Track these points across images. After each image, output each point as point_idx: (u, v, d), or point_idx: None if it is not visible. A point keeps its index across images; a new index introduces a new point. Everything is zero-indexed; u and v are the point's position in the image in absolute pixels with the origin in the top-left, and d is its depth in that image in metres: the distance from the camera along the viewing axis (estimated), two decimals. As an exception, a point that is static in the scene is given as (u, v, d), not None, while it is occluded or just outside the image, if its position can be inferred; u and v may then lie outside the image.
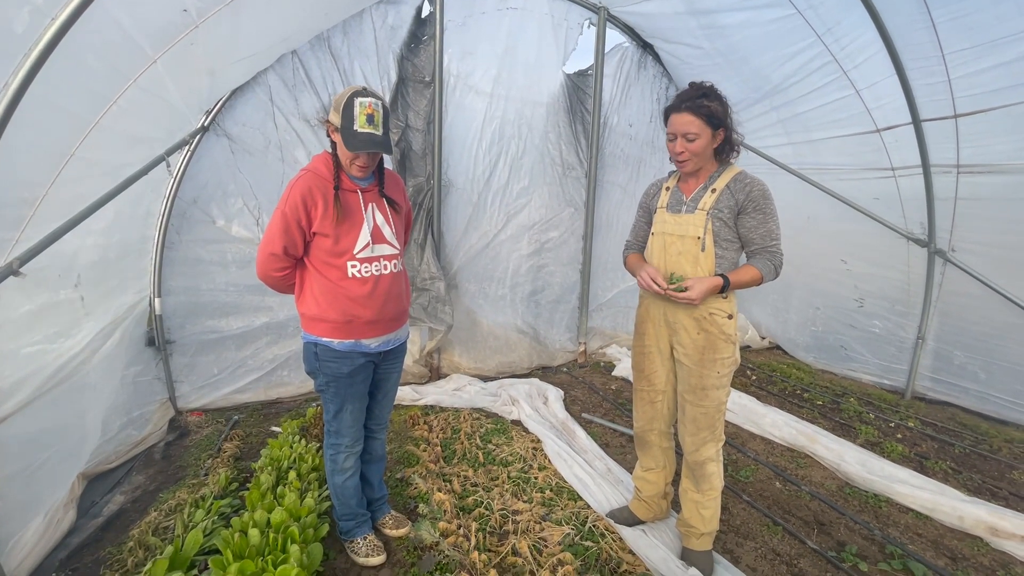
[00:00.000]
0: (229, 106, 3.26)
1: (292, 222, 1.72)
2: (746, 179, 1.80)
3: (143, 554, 2.00)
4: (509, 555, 2.06)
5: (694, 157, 1.79)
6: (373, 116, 1.67)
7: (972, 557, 2.19)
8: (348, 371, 1.86)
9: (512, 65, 3.96)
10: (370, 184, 1.88)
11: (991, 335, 3.36)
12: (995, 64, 2.70)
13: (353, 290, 1.80)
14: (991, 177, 3.04)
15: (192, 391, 3.45)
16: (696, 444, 1.94)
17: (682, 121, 1.75)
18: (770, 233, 1.80)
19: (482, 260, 4.20)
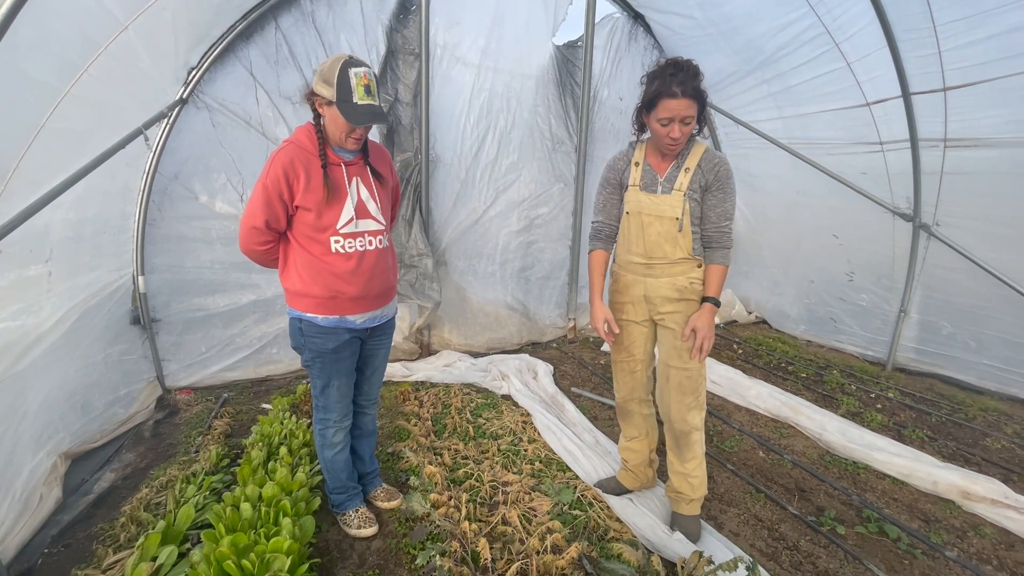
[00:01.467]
0: (209, 79, 3.16)
1: (274, 195, 1.68)
2: (714, 157, 1.82)
3: (135, 529, 2.01)
4: (499, 524, 2.10)
5: (684, 139, 1.77)
6: (370, 87, 1.63)
7: (944, 519, 2.28)
8: (333, 347, 1.84)
9: (500, 36, 3.87)
10: (355, 156, 1.83)
11: (973, 307, 3.43)
12: (986, 36, 2.68)
13: (337, 266, 1.77)
14: (977, 151, 3.06)
15: (180, 369, 3.43)
16: (682, 412, 1.97)
17: (683, 106, 1.68)
18: (726, 212, 1.83)
19: (471, 236, 4.17)
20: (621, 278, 2.05)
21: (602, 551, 1.98)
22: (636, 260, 1.95)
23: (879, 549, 2.09)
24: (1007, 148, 2.92)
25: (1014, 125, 2.83)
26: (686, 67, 1.69)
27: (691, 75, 1.68)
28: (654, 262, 1.91)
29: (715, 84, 4.52)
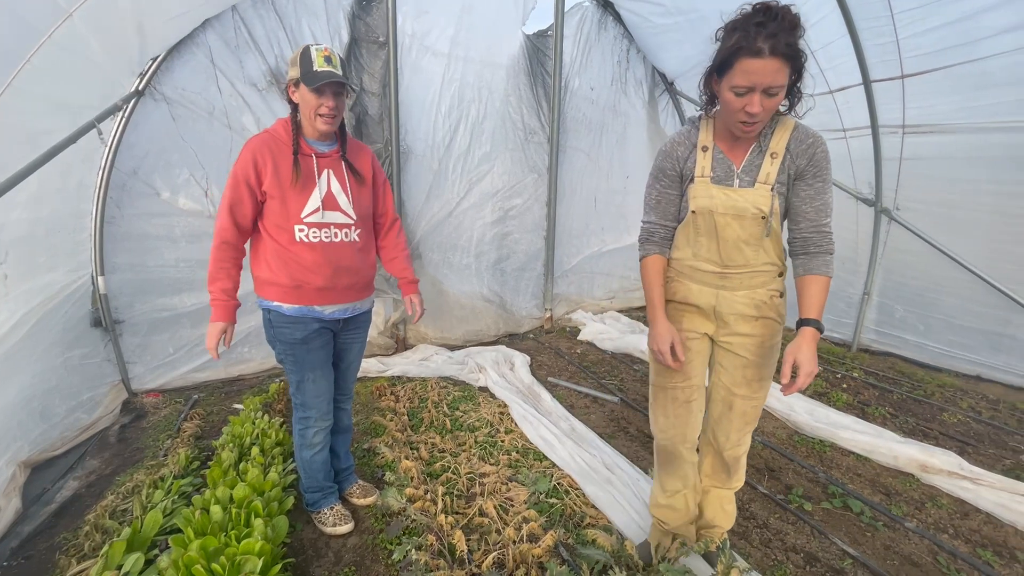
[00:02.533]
0: (166, 68, 3.04)
1: (240, 180, 1.70)
2: (808, 136, 1.39)
3: (100, 537, 1.95)
4: (476, 516, 2.11)
5: (766, 117, 1.32)
6: (330, 57, 1.68)
7: (904, 492, 2.38)
8: (301, 336, 1.84)
9: (470, 25, 3.82)
10: (330, 150, 1.84)
11: (925, 290, 3.57)
12: (941, 24, 2.76)
13: (301, 255, 1.78)
14: (933, 137, 3.16)
15: (147, 372, 3.33)
16: (743, 441, 1.67)
17: (770, 69, 1.22)
18: (826, 206, 1.42)
19: (445, 229, 4.14)
20: (681, 282, 1.62)
21: (578, 538, 2.01)
22: (705, 268, 1.54)
23: (844, 523, 2.17)
24: (960, 134, 3.02)
25: (967, 112, 2.94)
26: (781, 15, 1.22)
27: (787, 27, 1.22)
28: (730, 271, 1.51)
29: (685, 73, 4.57)
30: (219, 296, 1.80)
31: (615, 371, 3.80)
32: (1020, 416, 3.03)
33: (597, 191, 4.78)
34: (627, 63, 4.59)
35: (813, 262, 1.43)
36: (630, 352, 4.08)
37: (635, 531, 2.04)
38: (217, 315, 1.81)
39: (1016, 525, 2.13)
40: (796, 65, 1.26)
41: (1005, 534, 2.10)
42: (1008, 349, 3.27)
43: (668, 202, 1.59)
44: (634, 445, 2.77)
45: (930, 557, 1.98)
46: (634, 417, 3.08)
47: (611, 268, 5.08)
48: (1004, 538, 2.08)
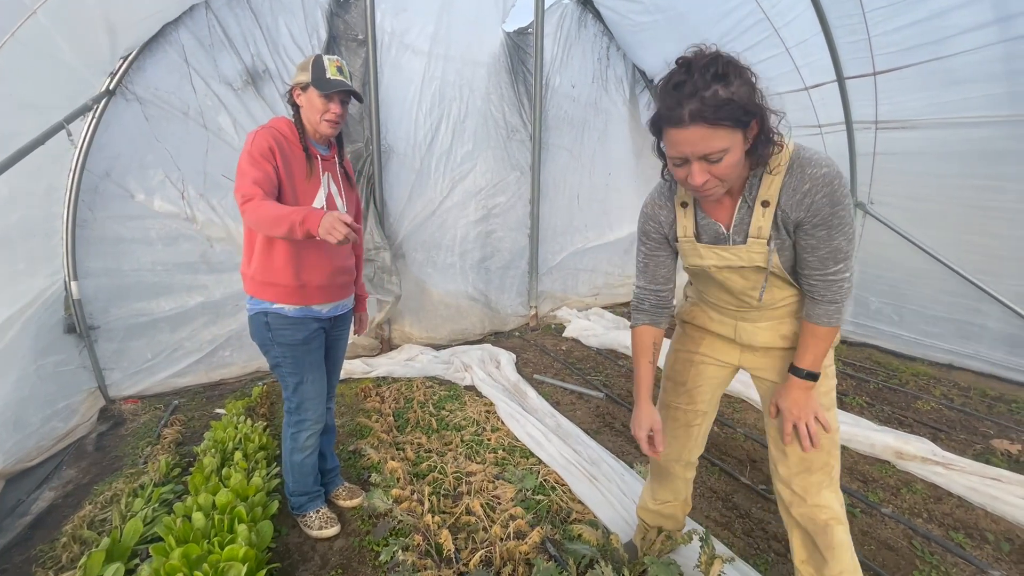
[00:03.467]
0: (137, 67, 2.97)
1: (260, 159, 1.65)
2: (803, 183, 1.13)
3: (78, 548, 1.91)
4: (463, 515, 2.11)
5: (724, 181, 1.12)
6: (342, 68, 1.77)
7: (881, 479, 2.45)
8: (303, 337, 1.84)
9: (450, 22, 3.80)
10: (328, 153, 1.90)
11: (899, 281, 3.66)
12: (910, 22, 2.83)
13: (309, 253, 1.80)
14: (904, 132, 3.24)
15: (125, 378, 3.26)
16: (810, 493, 1.35)
17: (696, 138, 1.04)
18: (834, 253, 1.18)
19: (429, 228, 4.12)
20: (699, 310, 1.52)
21: (565, 533, 2.02)
22: (722, 301, 1.42)
23: (823, 511, 2.23)
24: (930, 129, 3.11)
25: (936, 107, 3.02)
26: (701, 70, 1.01)
27: (712, 78, 1.00)
28: (744, 306, 1.39)
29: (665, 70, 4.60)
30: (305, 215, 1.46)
31: (600, 367, 3.83)
32: (989, 402, 3.13)
33: (580, 188, 4.81)
34: (607, 61, 4.61)
35: (814, 309, 1.26)
36: (615, 348, 4.12)
37: (621, 525, 2.07)
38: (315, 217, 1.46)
39: (986, 507, 2.21)
40: (742, 119, 1.03)
41: (976, 516, 2.18)
42: (978, 337, 3.38)
43: (657, 264, 1.44)
44: (619, 440, 2.80)
45: (905, 541, 2.04)
46: (619, 412, 3.11)
47: (595, 264, 5.11)
48: (975, 520, 2.16)
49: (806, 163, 1.14)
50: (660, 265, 1.44)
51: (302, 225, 1.47)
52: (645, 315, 1.47)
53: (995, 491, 2.24)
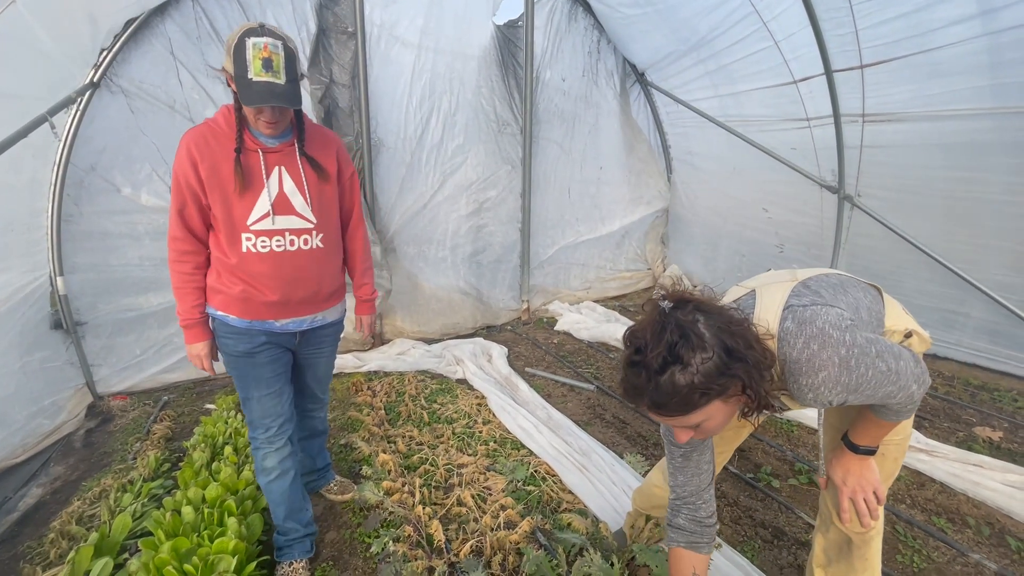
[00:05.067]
0: (123, 59, 2.93)
1: (182, 182, 1.49)
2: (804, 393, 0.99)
3: (66, 544, 1.90)
4: (454, 506, 2.12)
5: (717, 430, 1.04)
6: (271, 60, 1.36)
7: (866, 467, 2.49)
8: (246, 349, 1.63)
9: (440, 15, 3.77)
10: (282, 143, 1.57)
11: (887, 272, 3.70)
12: (896, 15, 2.85)
13: (250, 267, 1.56)
14: (891, 125, 3.27)
15: (113, 374, 3.23)
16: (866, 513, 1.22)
17: (664, 420, 1.00)
18: (886, 399, 1.00)
19: (420, 222, 4.11)
20: None
21: (555, 523, 2.04)
22: None
23: (809, 499, 2.26)
24: (915, 122, 3.14)
25: (921, 100, 3.04)
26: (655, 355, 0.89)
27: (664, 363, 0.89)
28: None
29: (656, 63, 4.62)
30: (191, 316, 1.60)
31: (591, 360, 3.85)
32: (972, 391, 3.19)
33: (571, 182, 4.81)
34: (598, 54, 4.60)
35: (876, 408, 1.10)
36: (606, 341, 4.14)
37: (611, 514, 2.09)
38: (193, 336, 1.62)
39: (967, 493, 2.25)
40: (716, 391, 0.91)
41: (957, 502, 2.22)
42: (961, 327, 3.43)
43: (697, 460, 1.21)
44: (609, 431, 2.82)
45: (889, 527, 2.07)
46: (610, 404, 3.13)
47: (586, 258, 5.12)
48: (956, 506, 2.20)
49: (798, 374, 0.98)
50: (699, 460, 1.19)
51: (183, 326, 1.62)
52: (680, 533, 1.24)
53: (977, 477, 2.28)
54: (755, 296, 1.12)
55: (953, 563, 1.90)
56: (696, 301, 0.97)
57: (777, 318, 1.02)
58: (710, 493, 1.24)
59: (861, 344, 0.95)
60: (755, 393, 0.94)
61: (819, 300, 1.06)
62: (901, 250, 3.56)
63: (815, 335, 0.96)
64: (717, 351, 0.90)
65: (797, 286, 1.11)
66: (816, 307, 1.01)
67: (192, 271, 1.59)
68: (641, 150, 4.99)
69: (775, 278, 1.18)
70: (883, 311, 1.24)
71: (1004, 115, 2.83)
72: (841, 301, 1.10)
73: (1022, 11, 2.53)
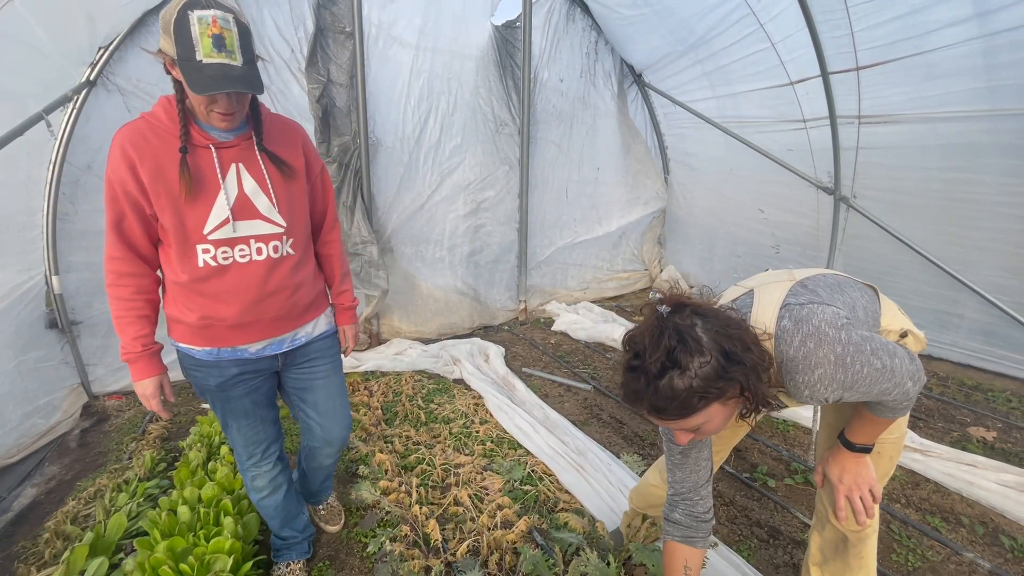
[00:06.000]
0: (119, 58, 2.92)
1: (117, 190, 1.24)
2: (801, 390, 1.00)
3: (61, 544, 1.89)
4: (451, 505, 2.12)
5: (719, 428, 1.03)
6: (223, 38, 1.12)
7: (861, 466, 2.50)
8: (216, 383, 1.44)
9: (438, 15, 3.78)
10: (237, 137, 1.33)
11: (882, 273, 3.72)
12: (891, 17, 2.87)
13: (209, 284, 1.33)
14: (886, 127, 3.29)
15: (108, 374, 3.22)
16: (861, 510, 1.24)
17: (663, 423, 1.00)
18: (881, 395, 1.00)
19: (417, 222, 4.11)
20: None
21: (552, 522, 2.04)
22: None
23: (804, 497, 2.27)
24: (911, 123, 3.15)
25: (917, 102, 3.06)
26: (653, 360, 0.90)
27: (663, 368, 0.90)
28: None
29: (653, 64, 4.63)
30: (133, 349, 1.34)
31: (588, 360, 3.86)
32: (967, 391, 3.20)
33: (568, 182, 4.81)
34: (596, 55, 4.61)
35: (871, 405, 1.10)
36: (603, 341, 4.15)
37: (607, 514, 2.09)
38: (139, 372, 1.36)
39: (961, 492, 2.26)
40: (715, 395, 0.91)
41: (952, 501, 2.23)
42: (955, 328, 3.44)
43: (695, 457, 1.22)
44: (606, 431, 2.82)
45: (883, 526, 2.08)
46: (606, 404, 3.14)
47: (584, 259, 5.13)
48: (951, 505, 2.21)
49: (795, 371, 0.98)
50: (698, 457, 1.21)
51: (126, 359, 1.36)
52: (677, 528, 1.25)
53: (971, 477, 2.29)
54: (753, 296, 1.14)
55: (947, 562, 1.91)
56: (694, 305, 0.97)
57: (774, 317, 1.03)
58: (708, 489, 1.25)
59: (856, 342, 0.96)
60: (753, 394, 0.95)
61: (816, 299, 1.06)
62: (896, 251, 3.58)
63: (811, 333, 0.97)
64: (715, 355, 0.90)
65: (795, 286, 1.13)
66: (813, 306, 1.02)
67: (132, 296, 1.33)
68: (638, 151, 5.00)
69: (773, 278, 1.19)
70: (879, 311, 1.26)
71: (999, 117, 2.85)
72: (838, 300, 1.11)
73: (1017, 13, 2.55)
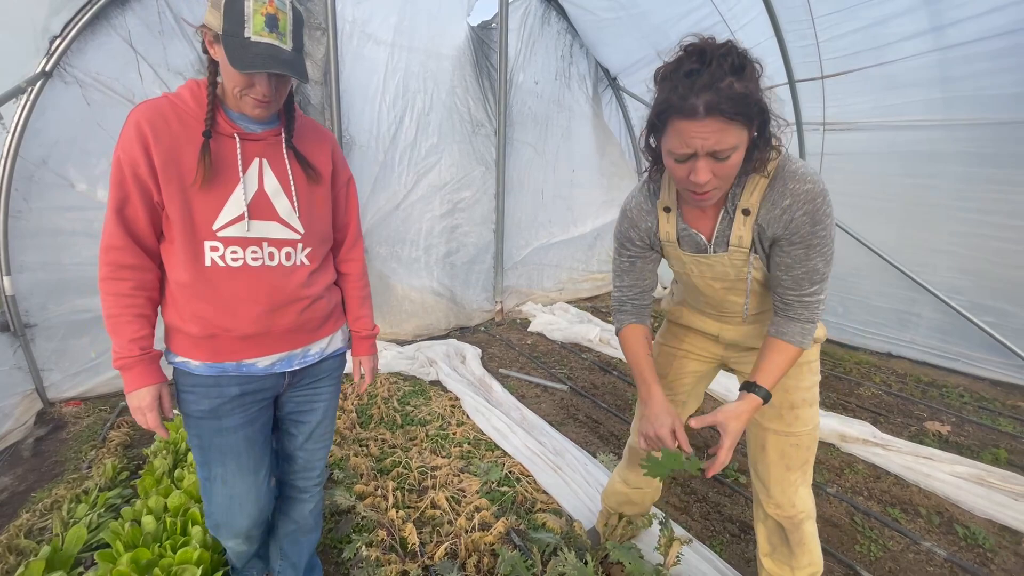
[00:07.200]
0: (77, 49, 2.79)
1: (126, 170, 1.10)
2: (783, 198, 1.08)
3: (14, 560, 1.79)
4: (428, 508, 2.10)
5: (722, 184, 1.05)
6: (276, 18, 1.05)
7: (826, 460, 2.59)
8: (209, 407, 1.24)
9: (414, 13, 3.75)
10: (266, 130, 1.21)
11: (844, 275, 3.87)
12: (854, 29, 2.99)
13: (218, 286, 1.18)
14: (850, 134, 3.42)
15: (65, 379, 3.07)
16: (787, 493, 1.35)
17: (710, 131, 0.96)
18: (811, 273, 1.13)
19: (393, 222, 4.06)
20: (681, 310, 1.52)
21: (530, 523, 2.05)
22: (703, 308, 1.43)
23: (774, 493, 2.34)
24: (872, 131, 3.30)
25: (878, 110, 3.20)
26: (718, 60, 0.94)
27: (728, 70, 0.93)
28: (727, 315, 1.39)
29: (627, 68, 4.70)
30: (130, 352, 1.15)
31: (564, 360, 3.89)
32: (923, 387, 3.36)
33: (544, 184, 4.84)
34: (571, 58, 4.65)
35: (787, 327, 1.18)
36: (579, 342, 4.18)
37: (585, 513, 2.11)
38: (135, 380, 1.17)
39: (919, 484, 2.37)
40: (750, 116, 0.96)
41: (910, 493, 2.34)
42: (915, 326, 3.61)
43: (639, 274, 1.38)
44: (583, 431, 2.85)
45: (848, 518, 2.16)
46: (583, 404, 3.17)
47: (559, 260, 5.17)
48: (909, 496, 2.31)
49: (789, 177, 1.08)
50: (643, 268, 1.37)
51: (118, 366, 1.16)
52: (629, 315, 1.42)
53: (927, 469, 2.41)
54: None
55: (907, 551, 1.99)
56: None
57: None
58: (651, 295, 1.43)
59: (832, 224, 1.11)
60: (766, 140, 1.04)
61: None
62: (859, 254, 3.72)
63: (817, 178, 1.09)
64: (757, 81, 0.99)
65: None
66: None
67: (132, 292, 1.16)
68: (613, 153, 5.07)
69: None
70: None
71: (954, 126, 3.00)
72: None
73: (967, 29, 2.69)
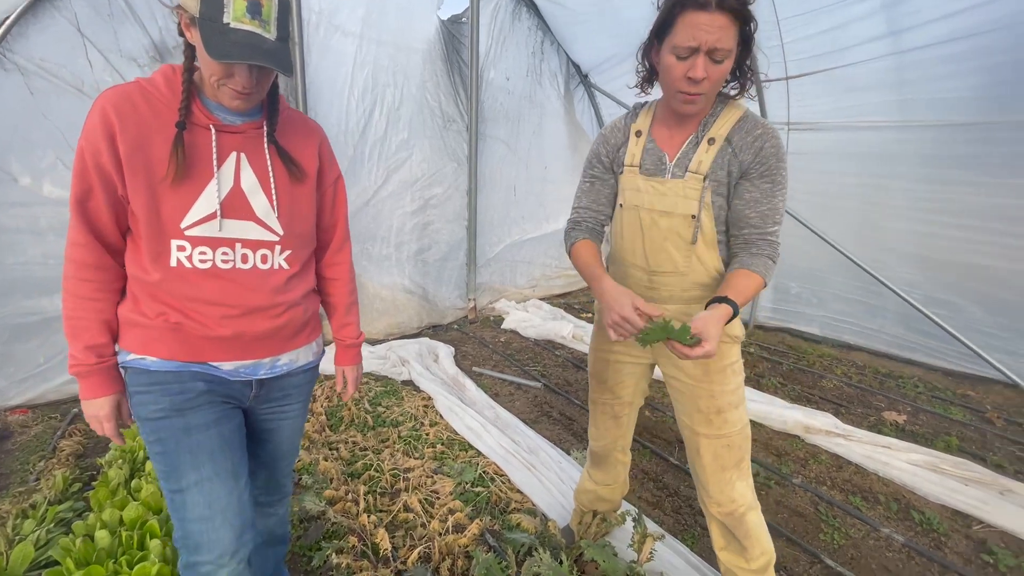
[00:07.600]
0: (19, 34, 2.61)
1: (89, 161, 1.01)
2: (756, 127, 1.21)
3: (-46, 581, 1.68)
4: (401, 512, 2.07)
5: (712, 90, 1.16)
6: (260, 4, 0.95)
7: (791, 452, 2.67)
8: (170, 405, 1.08)
9: (383, 5, 3.67)
10: (245, 122, 1.11)
11: (813, 270, 4.00)
12: (817, 32, 3.07)
13: (184, 288, 1.07)
14: (813, 134, 3.53)
15: (11, 386, 2.89)
16: (725, 491, 1.40)
17: (716, 25, 1.06)
18: (774, 212, 1.23)
19: (363, 219, 3.97)
20: None
21: (504, 523, 2.04)
22: (633, 270, 1.40)
23: (742, 485, 2.40)
24: (834, 131, 3.40)
25: (839, 111, 3.31)
26: None
27: None
28: (658, 275, 1.35)
29: (598, 65, 4.72)
30: (86, 360, 1.07)
31: (538, 357, 3.89)
32: (881, 379, 3.50)
33: (517, 180, 4.83)
34: (542, 55, 4.64)
35: (753, 260, 1.22)
36: (552, 339, 4.19)
37: (559, 511, 2.11)
38: (92, 389, 1.08)
39: (878, 473, 2.47)
40: (744, 31, 1.10)
41: (870, 481, 2.43)
42: (883, 316, 3.76)
43: (598, 192, 1.45)
44: (556, 428, 2.86)
45: (812, 508, 2.24)
46: (556, 401, 3.17)
47: (532, 256, 5.17)
48: (869, 484, 2.41)
49: (758, 118, 1.24)
50: (600, 191, 1.46)
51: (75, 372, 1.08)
52: (583, 232, 1.46)
53: (886, 458, 2.51)
54: None
55: (867, 538, 2.07)
56: None
57: None
58: (603, 227, 1.50)
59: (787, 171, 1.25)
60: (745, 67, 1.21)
61: None
62: (823, 251, 3.85)
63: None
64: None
65: None
66: None
67: (95, 295, 1.07)
68: (585, 150, 5.08)
69: None
70: None
71: (908, 128, 3.13)
72: None
73: (921, 35, 2.80)
